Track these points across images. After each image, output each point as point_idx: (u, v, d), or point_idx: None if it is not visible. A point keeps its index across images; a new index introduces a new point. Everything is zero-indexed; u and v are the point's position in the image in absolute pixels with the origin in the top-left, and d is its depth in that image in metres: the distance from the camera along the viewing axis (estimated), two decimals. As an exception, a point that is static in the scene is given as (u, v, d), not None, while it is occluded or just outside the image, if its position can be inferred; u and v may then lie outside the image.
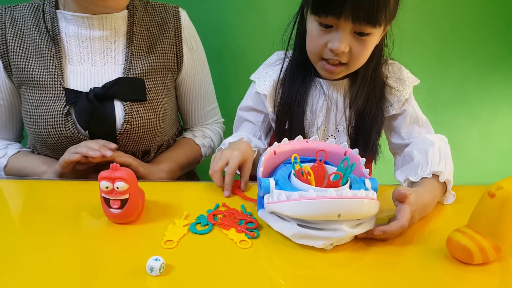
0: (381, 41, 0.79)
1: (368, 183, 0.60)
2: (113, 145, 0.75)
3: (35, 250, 0.52)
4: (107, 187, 0.55)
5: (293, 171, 0.60)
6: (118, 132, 0.81)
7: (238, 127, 0.92)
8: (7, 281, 0.46)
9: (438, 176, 0.70)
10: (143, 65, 0.85)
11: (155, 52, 0.87)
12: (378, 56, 0.80)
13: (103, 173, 0.56)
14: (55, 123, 0.79)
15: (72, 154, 0.73)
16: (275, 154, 0.65)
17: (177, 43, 0.90)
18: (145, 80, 0.84)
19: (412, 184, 0.73)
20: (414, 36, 1.36)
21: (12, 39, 0.80)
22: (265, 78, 0.86)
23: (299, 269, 0.52)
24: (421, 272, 0.53)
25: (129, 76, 0.83)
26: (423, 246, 0.58)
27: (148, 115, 0.84)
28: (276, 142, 0.65)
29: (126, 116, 0.81)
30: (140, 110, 0.83)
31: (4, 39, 0.79)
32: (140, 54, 0.85)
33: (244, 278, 0.49)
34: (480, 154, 1.60)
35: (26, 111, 0.82)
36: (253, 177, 1.01)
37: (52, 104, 0.79)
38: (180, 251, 0.53)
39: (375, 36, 0.73)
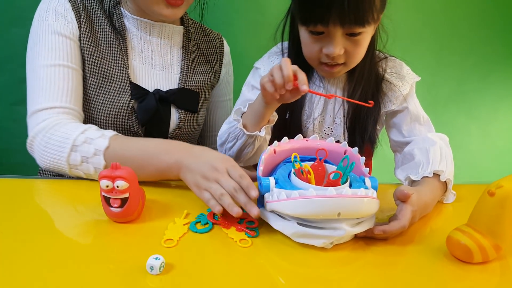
0: (374, 34, 0.80)
1: (368, 181, 0.60)
2: (255, 193, 0.59)
3: (35, 248, 0.52)
4: (107, 186, 0.55)
5: (293, 170, 0.60)
6: (169, 135, 0.88)
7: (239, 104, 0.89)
8: (7, 280, 0.46)
9: (439, 175, 0.70)
10: (196, 79, 0.92)
11: (205, 69, 0.96)
12: (372, 49, 0.82)
13: (103, 172, 0.56)
14: (119, 115, 0.81)
15: (214, 205, 0.61)
16: (275, 153, 0.65)
17: (219, 65, 1.00)
18: (199, 93, 0.92)
19: (412, 182, 0.73)
20: (413, 35, 1.36)
21: (85, 22, 0.81)
22: (270, 66, 0.88)
23: (299, 268, 0.52)
24: (421, 271, 0.53)
25: (185, 87, 0.90)
26: (423, 245, 0.58)
27: (195, 125, 0.92)
28: (276, 141, 0.65)
29: (180, 123, 0.89)
30: (191, 119, 0.91)
31: (79, 21, 0.80)
32: (194, 68, 0.93)
33: (244, 277, 0.49)
34: (479, 153, 1.60)
35: (84, 95, 0.81)
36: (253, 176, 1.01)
37: (117, 96, 0.81)
38: (180, 250, 0.53)
39: (367, 33, 0.74)
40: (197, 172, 0.64)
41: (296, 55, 0.82)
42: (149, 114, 0.83)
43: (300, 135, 0.67)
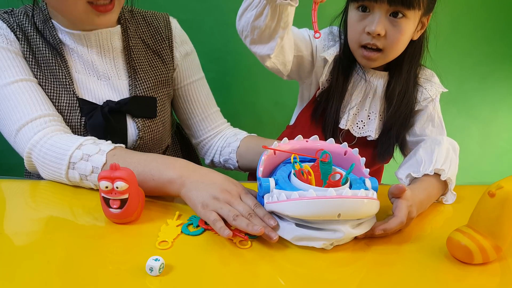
0: (422, 36, 0.84)
1: (368, 182, 0.60)
2: (274, 222, 0.57)
3: (35, 249, 0.52)
4: (106, 187, 0.55)
5: (293, 171, 0.60)
6: (131, 147, 0.82)
7: None
8: (6, 281, 0.46)
9: (440, 175, 0.70)
10: (148, 81, 0.85)
11: (156, 65, 0.87)
12: (419, 51, 0.86)
13: (102, 173, 0.55)
14: (74, 133, 0.76)
15: (221, 228, 0.56)
16: (275, 154, 0.65)
17: (171, 52, 0.90)
18: (156, 97, 0.86)
19: (413, 180, 0.73)
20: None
21: (23, 42, 0.76)
22: (328, 45, 0.89)
23: (299, 269, 0.52)
24: (422, 272, 0.53)
25: (137, 94, 0.83)
26: (423, 246, 0.58)
27: (158, 129, 0.87)
28: (276, 142, 0.65)
29: (140, 133, 0.83)
30: (151, 125, 0.85)
31: (19, 41, 0.76)
32: (143, 67, 0.85)
33: (244, 278, 0.49)
34: (480, 153, 1.60)
35: None
36: (253, 177, 1.01)
37: (68, 115, 0.77)
38: (178, 251, 0.53)
39: (409, 20, 0.77)
40: (205, 191, 0.61)
41: (345, 40, 0.86)
42: (100, 131, 0.77)
43: (300, 136, 0.67)
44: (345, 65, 0.87)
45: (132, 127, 0.83)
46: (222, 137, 0.95)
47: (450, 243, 0.55)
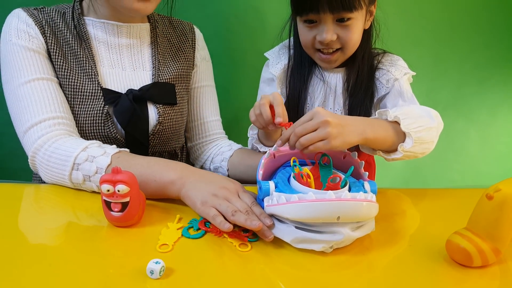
0: (370, 26, 0.86)
1: (367, 185, 0.60)
2: (270, 221, 0.57)
3: (36, 252, 0.52)
4: (108, 190, 0.55)
5: (292, 174, 0.60)
6: (151, 132, 0.86)
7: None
8: (8, 283, 0.46)
9: (399, 123, 0.68)
10: (170, 72, 0.91)
11: (178, 60, 0.94)
12: (366, 41, 0.87)
13: (104, 176, 0.56)
14: (95, 122, 0.80)
15: (221, 222, 0.57)
16: (274, 157, 0.65)
17: (193, 51, 0.97)
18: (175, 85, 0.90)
19: None
20: (412, 39, 1.37)
21: (50, 36, 0.80)
22: (279, 60, 0.92)
23: (299, 272, 0.52)
24: (421, 275, 0.53)
25: (159, 80, 0.88)
26: (422, 249, 0.58)
27: (176, 118, 0.90)
28: (275, 145, 0.66)
29: (160, 118, 0.86)
30: (171, 113, 0.89)
31: (45, 36, 0.79)
32: (166, 62, 0.92)
33: (244, 281, 0.49)
34: (479, 156, 1.60)
35: None
36: (252, 180, 1.01)
37: (90, 104, 0.80)
38: (178, 254, 0.54)
39: (357, 19, 0.80)
40: (204, 190, 0.62)
41: (300, 47, 0.89)
42: (127, 116, 0.81)
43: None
44: (300, 72, 0.89)
45: (153, 112, 0.87)
46: (216, 146, 0.98)
47: (449, 246, 0.55)
